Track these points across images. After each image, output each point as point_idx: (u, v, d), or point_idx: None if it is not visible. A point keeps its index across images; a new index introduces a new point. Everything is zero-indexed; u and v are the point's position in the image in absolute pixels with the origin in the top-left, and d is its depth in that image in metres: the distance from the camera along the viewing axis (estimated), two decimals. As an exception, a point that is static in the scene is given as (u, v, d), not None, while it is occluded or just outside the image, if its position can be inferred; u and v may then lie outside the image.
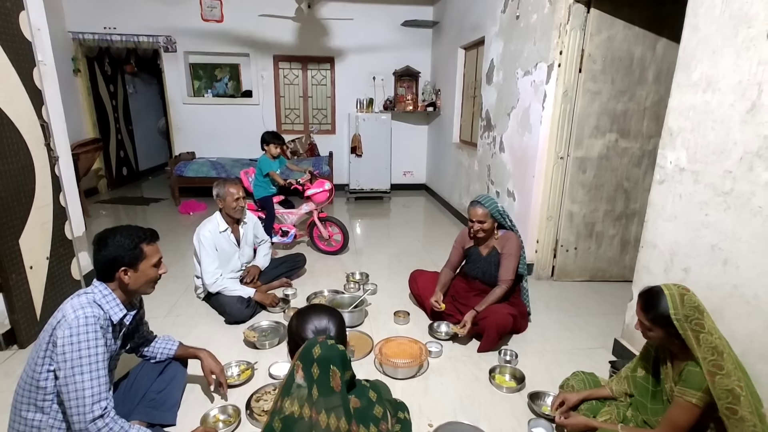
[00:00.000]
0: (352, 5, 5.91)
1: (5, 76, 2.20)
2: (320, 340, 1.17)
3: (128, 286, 1.48)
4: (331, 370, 1.13)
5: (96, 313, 1.38)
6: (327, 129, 6.57)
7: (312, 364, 1.13)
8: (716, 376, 1.29)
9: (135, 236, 1.48)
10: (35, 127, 2.41)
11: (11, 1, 2.26)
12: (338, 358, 1.15)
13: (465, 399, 1.98)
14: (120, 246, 1.45)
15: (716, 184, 1.71)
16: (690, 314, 1.34)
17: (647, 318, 1.42)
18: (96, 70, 6.14)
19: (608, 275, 3.35)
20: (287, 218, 3.99)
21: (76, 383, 1.32)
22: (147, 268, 1.50)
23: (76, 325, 1.33)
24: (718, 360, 1.30)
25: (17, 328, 2.28)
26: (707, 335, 1.32)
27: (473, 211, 2.45)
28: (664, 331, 1.39)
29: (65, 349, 1.32)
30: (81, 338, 1.33)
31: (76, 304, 1.39)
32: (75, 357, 1.32)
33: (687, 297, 1.37)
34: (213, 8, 5.78)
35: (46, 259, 2.46)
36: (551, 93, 3.05)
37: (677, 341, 1.38)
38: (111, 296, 1.47)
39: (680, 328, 1.34)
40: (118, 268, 1.45)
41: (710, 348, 1.31)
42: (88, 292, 1.45)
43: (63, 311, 1.38)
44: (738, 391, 1.26)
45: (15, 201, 2.24)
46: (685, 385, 1.37)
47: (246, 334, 2.38)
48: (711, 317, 1.38)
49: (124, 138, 6.93)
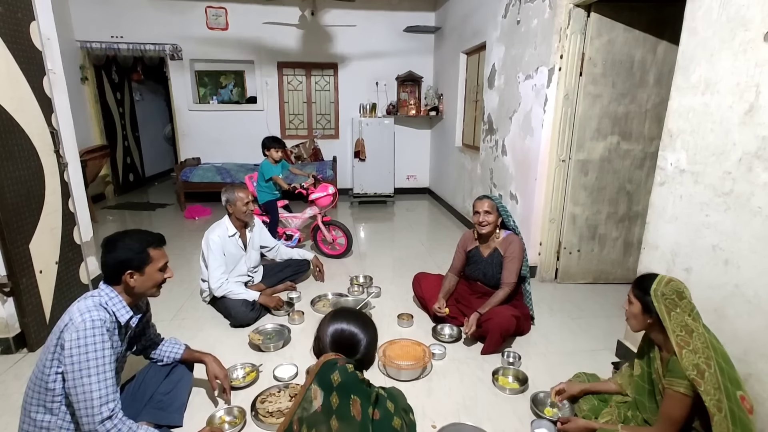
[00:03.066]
0: (355, 12, 5.97)
1: (16, 85, 2.26)
2: (340, 364, 1.13)
3: (134, 289, 1.50)
4: (352, 399, 1.10)
5: (102, 316, 1.41)
6: (330, 134, 6.62)
7: (331, 392, 1.10)
8: (683, 349, 1.35)
9: (143, 240, 1.51)
10: (45, 134, 2.46)
11: (22, 11, 2.32)
12: (358, 386, 1.11)
13: (468, 401, 1.99)
14: (128, 249, 1.48)
15: (716, 185, 1.72)
16: (667, 294, 1.42)
17: (633, 292, 1.52)
18: (103, 78, 6.24)
19: (612, 277, 3.35)
20: (291, 222, 4.03)
21: (84, 385, 1.34)
22: (153, 271, 1.53)
23: (83, 328, 1.35)
24: (686, 337, 1.37)
25: (27, 332, 2.32)
26: (678, 315, 1.39)
27: (479, 203, 2.48)
28: (642, 304, 1.47)
29: (73, 352, 1.34)
30: (88, 341, 1.35)
31: (83, 307, 1.41)
32: (83, 360, 1.34)
33: (673, 283, 1.44)
34: (218, 17, 5.87)
35: (55, 263, 2.50)
36: (552, 96, 3.07)
37: (652, 320, 1.45)
38: (117, 299, 1.49)
39: (655, 300, 1.42)
40: (125, 270, 1.47)
41: (680, 325, 1.38)
42: (95, 295, 1.47)
43: (70, 314, 1.40)
44: (703, 367, 1.32)
45: (26, 207, 2.29)
46: (671, 376, 1.40)
47: (251, 337, 2.41)
48: (693, 308, 1.42)
49: (130, 144, 7.02)
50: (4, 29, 2.18)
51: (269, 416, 1.81)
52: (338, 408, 1.09)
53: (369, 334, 1.25)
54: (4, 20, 2.18)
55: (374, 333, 1.29)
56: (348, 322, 1.25)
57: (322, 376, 1.12)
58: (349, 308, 1.35)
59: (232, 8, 5.85)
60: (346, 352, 1.20)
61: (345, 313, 1.31)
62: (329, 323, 1.25)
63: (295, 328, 2.62)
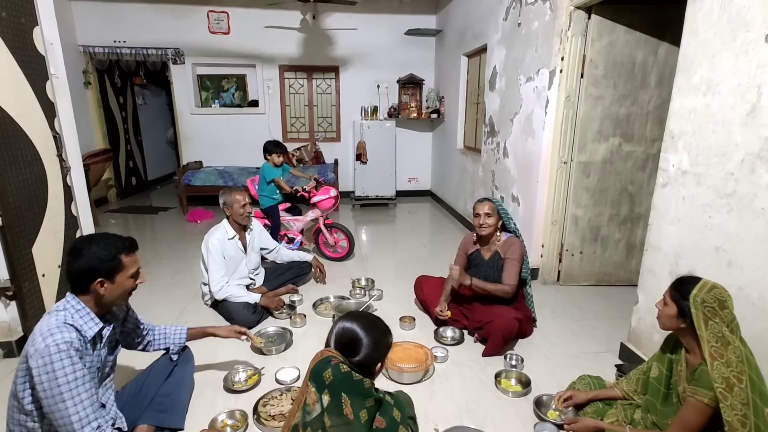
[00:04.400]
0: (356, 15, 6.00)
1: (20, 90, 2.27)
2: (333, 363, 1.11)
3: (103, 298, 1.39)
4: (343, 398, 1.08)
5: (67, 337, 1.29)
6: (332, 137, 6.64)
7: (323, 389, 1.08)
8: (715, 360, 1.31)
9: (113, 246, 1.39)
10: (48, 139, 2.47)
11: (26, 17, 2.34)
12: (351, 386, 1.09)
13: (471, 403, 1.98)
14: (96, 257, 1.35)
15: (719, 186, 1.71)
16: (708, 301, 1.35)
17: (671, 294, 1.45)
18: (106, 83, 6.27)
19: (615, 279, 3.34)
20: (293, 225, 4.03)
21: (60, 410, 1.27)
22: (124, 279, 1.42)
23: (48, 353, 1.25)
24: (721, 349, 1.31)
25: (30, 335, 2.32)
26: (717, 324, 1.33)
27: (480, 206, 2.48)
28: (678, 308, 1.41)
29: (42, 379, 1.25)
30: (56, 366, 1.25)
31: (45, 330, 1.30)
32: (54, 386, 1.26)
33: (716, 290, 1.37)
34: (220, 21, 5.90)
35: (57, 267, 2.51)
36: (553, 98, 3.07)
37: (685, 324, 1.40)
38: (84, 311, 1.38)
39: (693, 306, 1.36)
40: (95, 279, 1.36)
41: (716, 335, 1.33)
42: (59, 309, 1.36)
43: (33, 339, 1.29)
44: (733, 381, 1.28)
45: (29, 210, 2.29)
46: (697, 385, 1.37)
47: (253, 340, 2.40)
48: (733, 318, 1.36)
49: (133, 148, 7.05)
50: (8, 34, 2.20)
51: (271, 419, 1.81)
52: (329, 406, 1.08)
53: (372, 337, 1.21)
54: (8, 25, 2.20)
55: (379, 337, 1.24)
56: (355, 321, 1.23)
57: (316, 374, 1.11)
58: (365, 312, 1.31)
59: (233, 12, 5.88)
60: (346, 351, 1.19)
61: (358, 314, 1.29)
62: (340, 320, 1.25)
63: (296, 331, 2.62)
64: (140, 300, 2.94)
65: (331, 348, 1.21)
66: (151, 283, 3.28)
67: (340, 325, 1.23)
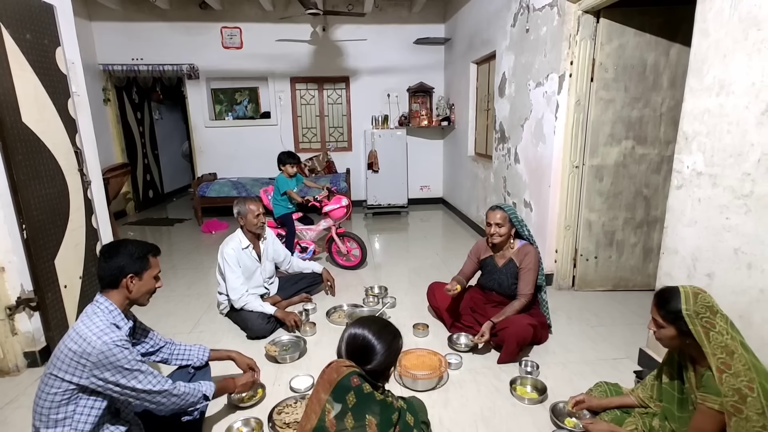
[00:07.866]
0: (365, 26, 6.08)
1: (43, 108, 2.37)
2: (354, 383, 1.11)
3: (131, 294, 1.52)
4: (367, 420, 1.08)
5: (119, 335, 1.40)
6: (344, 146, 6.70)
7: (346, 414, 1.08)
8: (723, 373, 1.28)
9: (143, 247, 1.56)
10: (69, 154, 2.56)
11: (49, 38, 2.44)
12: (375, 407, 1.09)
13: (486, 411, 1.96)
14: (129, 254, 1.50)
15: (735, 187, 1.68)
16: (701, 311, 1.33)
17: (660, 315, 1.42)
18: (125, 99, 6.46)
19: (632, 284, 3.28)
20: (306, 234, 4.07)
21: (135, 388, 1.40)
22: (150, 278, 1.56)
23: (108, 349, 1.34)
24: (727, 359, 1.29)
25: (52, 345, 2.38)
26: (717, 334, 1.31)
27: (491, 214, 2.46)
28: (676, 328, 1.37)
29: (106, 375, 1.35)
30: (119, 357, 1.36)
31: (96, 330, 1.37)
32: (124, 373, 1.37)
33: (701, 296, 1.36)
34: (233, 36, 6.05)
35: (79, 278, 2.58)
36: (563, 103, 3.06)
37: (690, 341, 1.36)
38: (116, 311, 1.49)
39: (690, 323, 1.33)
40: (127, 275, 1.49)
41: (720, 347, 1.30)
42: (98, 313, 1.44)
43: (83, 337, 1.35)
44: (745, 392, 1.25)
45: (51, 223, 2.37)
46: (706, 391, 1.34)
47: (267, 349, 2.43)
48: (727, 319, 1.35)
49: (150, 162, 7.23)
50: (33, 56, 2.30)
51: (286, 427, 1.82)
52: (353, 429, 1.08)
53: (384, 343, 1.22)
54: (32, 47, 2.30)
55: (390, 342, 1.25)
56: (365, 328, 1.24)
57: (337, 394, 1.11)
58: (375, 317, 1.32)
59: (246, 27, 6.02)
60: (359, 359, 1.20)
61: (367, 320, 1.29)
62: (349, 327, 1.26)
63: (310, 339, 2.63)
64: (157, 309, 3.02)
65: (344, 359, 1.21)
66: (168, 293, 3.34)
67: (350, 332, 1.23)
